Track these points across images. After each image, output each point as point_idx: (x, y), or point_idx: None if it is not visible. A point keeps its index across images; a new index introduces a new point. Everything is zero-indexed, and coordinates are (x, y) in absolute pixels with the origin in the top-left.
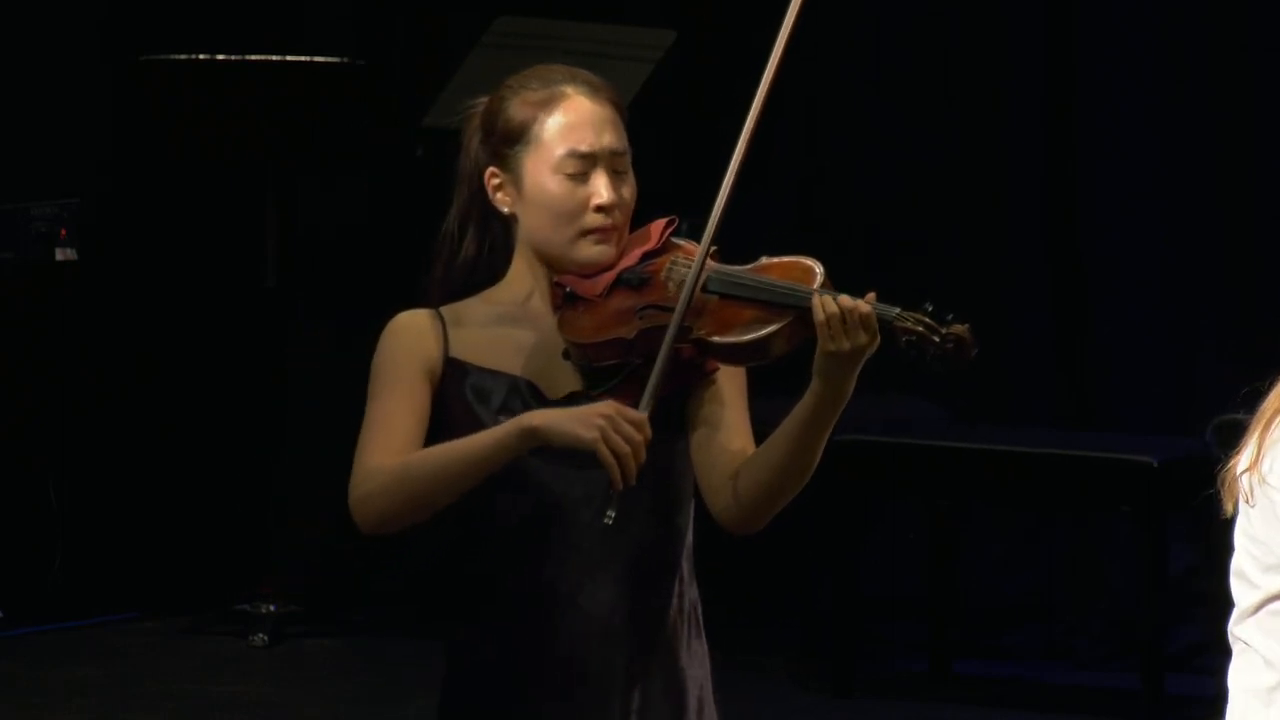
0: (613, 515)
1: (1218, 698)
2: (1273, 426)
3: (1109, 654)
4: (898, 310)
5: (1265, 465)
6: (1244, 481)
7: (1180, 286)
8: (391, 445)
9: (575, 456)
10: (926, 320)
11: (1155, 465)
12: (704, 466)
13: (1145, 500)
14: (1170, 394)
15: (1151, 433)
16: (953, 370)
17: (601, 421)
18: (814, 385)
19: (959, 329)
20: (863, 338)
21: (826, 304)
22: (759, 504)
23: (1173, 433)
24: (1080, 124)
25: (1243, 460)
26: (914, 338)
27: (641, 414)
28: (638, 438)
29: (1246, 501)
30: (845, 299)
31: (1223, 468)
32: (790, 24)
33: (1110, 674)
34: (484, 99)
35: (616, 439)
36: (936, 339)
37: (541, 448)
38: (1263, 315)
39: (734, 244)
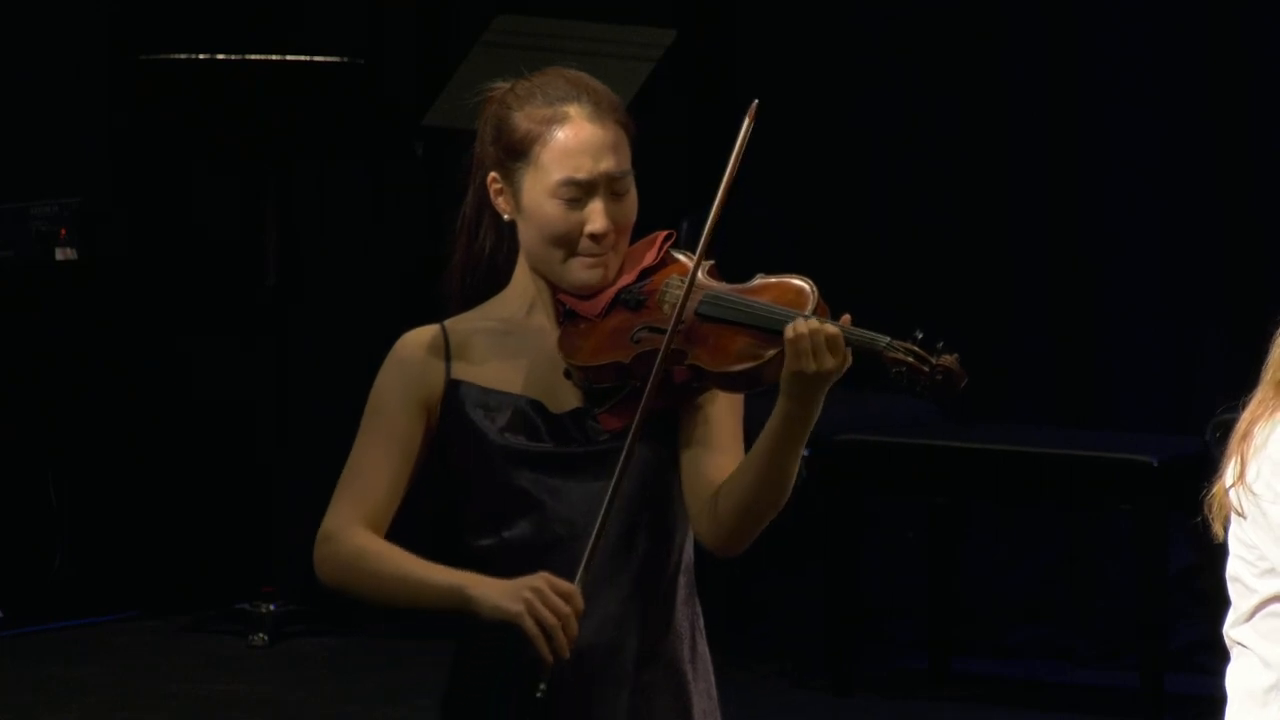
0: (544, 689)
1: (1217, 697)
2: (1251, 437)
3: (1109, 653)
4: (887, 340)
5: (1250, 475)
6: (1233, 496)
7: (1181, 286)
8: (364, 500)
9: (580, 474)
10: (916, 350)
11: (1155, 465)
12: (691, 487)
13: (1145, 500)
14: (1170, 394)
15: (1151, 433)
16: (943, 399)
17: (529, 594)
18: (780, 403)
19: (948, 360)
20: (829, 361)
21: (797, 323)
22: (737, 525)
23: (1173, 433)
24: (1080, 124)
25: (1228, 477)
26: (903, 369)
27: (573, 586)
28: (565, 609)
29: (1238, 513)
30: (814, 320)
31: (1207, 494)
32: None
33: (1110, 673)
34: (501, 84)
35: (543, 612)
36: (926, 369)
37: (546, 467)
38: (1263, 315)
39: (734, 250)
